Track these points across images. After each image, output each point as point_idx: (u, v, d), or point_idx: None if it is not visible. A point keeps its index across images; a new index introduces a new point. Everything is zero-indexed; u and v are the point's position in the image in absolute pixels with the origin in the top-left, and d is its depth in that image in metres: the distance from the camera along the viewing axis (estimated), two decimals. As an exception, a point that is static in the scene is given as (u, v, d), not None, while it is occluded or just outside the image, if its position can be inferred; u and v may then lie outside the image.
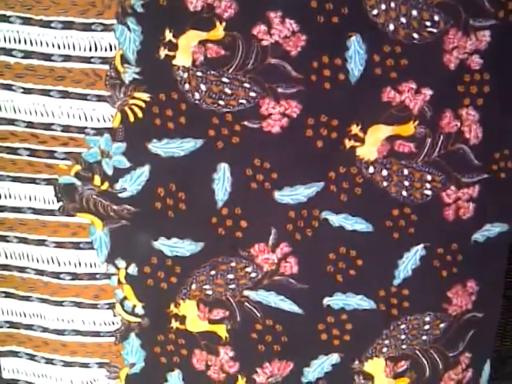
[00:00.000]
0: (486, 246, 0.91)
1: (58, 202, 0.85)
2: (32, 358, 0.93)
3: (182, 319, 0.90)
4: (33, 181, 0.84)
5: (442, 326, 0.92)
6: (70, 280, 0.88)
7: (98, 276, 0.88)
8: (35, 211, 0.86)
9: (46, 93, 0.80)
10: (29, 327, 0.91)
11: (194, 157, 0.83)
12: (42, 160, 0.83)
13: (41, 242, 0.87)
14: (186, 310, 0.90)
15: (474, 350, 0.96)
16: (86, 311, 0.90)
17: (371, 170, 0.85)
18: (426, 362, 0.93)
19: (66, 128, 0.81)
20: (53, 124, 0.81)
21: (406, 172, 0.86)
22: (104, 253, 0.87)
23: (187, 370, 0.92)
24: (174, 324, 0.90)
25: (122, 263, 0.87)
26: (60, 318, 0.90)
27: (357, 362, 0.93)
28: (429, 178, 0.86)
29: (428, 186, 0.87)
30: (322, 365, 0.93)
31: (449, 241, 0.90)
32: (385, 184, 0.86)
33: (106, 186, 0.84)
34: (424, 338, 0.93)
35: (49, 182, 0.84)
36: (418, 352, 0.93)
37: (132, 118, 0.81)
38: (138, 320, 0.90)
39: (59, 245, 0.87)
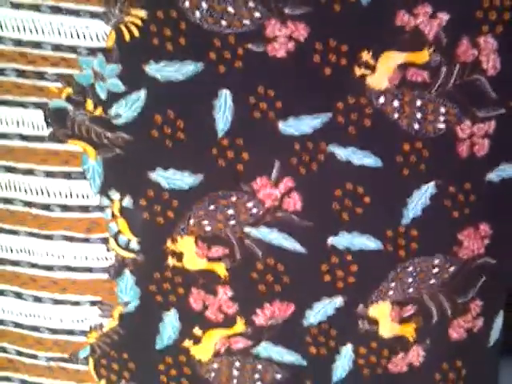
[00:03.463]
0: (502, 187, 0.92)
1: (47, 127, 0.85)
2: (19, 296, 0.94)
3: (179, 256, 0.91)
4: (21, 104, 0.84)
5: (451, 269, 0.93)
6: (60, 212, 0.89)
7: (90, 208, 0.89)
8: (23, 138, 0.86)
9: (35, 8, 0.79)
10: (16, 263, 0.92)
11: (194, 81, 0.83)
12: (31, 82, 0.83)
13: (29, 172, 0.87)
14: (184, 247, 0.90)
15: (486, 299, 0.97)
16: (78, 245, 0.90)
17: (382, 100, 0.86)
18: (433, 308, 0.95)
19: (57, 47, 0.81)
20: (43, 42, 0.81)
21: (418, 103, 0.86)
22: (97, 183, 0.88)
23: (184, 310, 0.93)
24: (171, 261, 0.91)
25: (116, 195, 0.87)
26: (49, 253, 0.91)
27: (361, 306, 0.95)
28: (443, 110, 0.87)
29: (442, 118, 0.87)
30: (325, 308, 0.94)
31: (461, 179, 0.91)
32: (396, 116, 0.86)
33: (99, 111, 0.84)
34: (432, 281, 0.94)
35: (38, 105, 0.84)
36: (425, 296, 0.94)
37: (128, 37, 0.81)
38: (133, 256, 0.91)
39: (49, 174, 0.87)
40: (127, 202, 0.89)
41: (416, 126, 0.88)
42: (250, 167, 0.88)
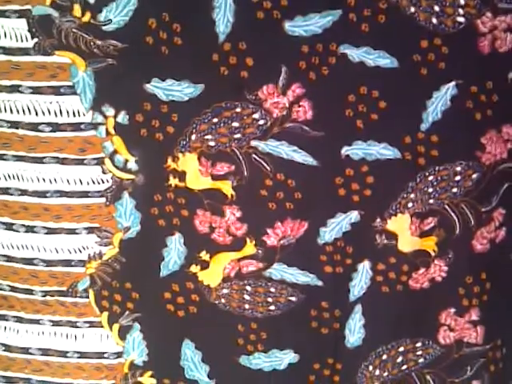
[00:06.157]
0: (524, 84, 0.94)
1: (32, 38, 0.86)
2: (9, 227, 0.96)
3: (181, 175, 0.93)
4: (1, 14, 0.84)
5: (474, 176, 0.96)
6: (50, 132, 0.90)
7: (82, 126, 0.90)
8: (5, 51, 0.87)
9: None
10: (4, 191, 0.94)
11: (190, -21, 0.83)
12: (10, -13, 0.82)
13: (14, 88, 0.88)
14: (186, 165, 0.92)
15: (509, 207, 1.00)
16: (71, 168, 0.92)
17: (397, -8, 0.86)
18: (456, 218, 0.98)
19: None
20: None
21: (436, -7, 0.87)
22: (89, 98, 0.89)
23: (189, 233, 0.96)
24: (173, 181, 0.93)
25: (110, 110, 0.89)
26: (40, 177, 0.93)
27: (378, 220, 0.97)
28: (462, 1, 0.88)
29: (461, 11, 0.88)
30: (341, 224, 0.97)
31: (483, 78, 0.93)
32: (412, 10, 0.87)
33: (87, 17, 0.85)
34: (454, 190, 0.97)
35: (21, 14, 0.85)
36: (447, 207, 0.97)
37: None
38: (132, 177, 0.93)
39: (36, 90, 0.88)
40: (122, 117, 0.91)
41: (434, 21, 0.89)
42: (255, 74, 0.89)
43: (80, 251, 0.96)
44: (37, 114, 0.89)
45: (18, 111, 0.89)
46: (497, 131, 0.95)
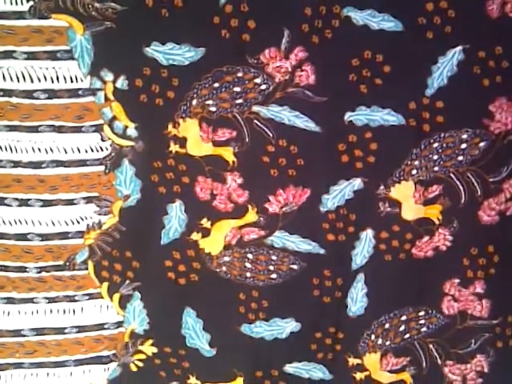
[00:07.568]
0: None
1: (27, 1, 0.85)
2: (1, 201, 0.94)
3: (182, 141, 0.93)
4: (-5, -24, 0.83)
5: (481, 145, 0.96)
6: (45, 99, 0.90)
7: (80, 92, 0.90)
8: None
9: None
10: (-4, 163, 0.92)
11: None
12: None
13: (8, 54, 0.87)
14: (187, 131, 0.92)
15: (520, 178, 1.00)
16: (68, 136, 0.92)
17: (402, -49, 0.85)
18: (461, 187, 0.97)
19: None
20: None
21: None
22: (87, 63, 0.88)
23: (190, 200, 0.96)
24: (173, 147, 0.93)
25: (108, 75, 0.88)
26: (36, 147, 0.92)
27: (382, 188, 0.98)
28: (470, -38, 0.87)
29: (468, -26, 0.87)
30: (343, 191, 0.97)
31: (492, 43, 0.92)
32: (418, -29, 0.86)
33: (85, -22, 0.83)
34: (460, 158, 0.97)
35: (15, -25, 0.83)
36: (452, 175, 0.97)
37: None
38: (131, 144, 0.92)
39: (31, 56, 0.87)
40: (121, 82, 0.90)
41: (440, -18, 0.88)
42: (257, 37, 0.89)
43: (78, 222, 0.96)
44: (32, 80, 0.88)
45: (11, 78, 0.88)
46: (507, 99, 0.95)
